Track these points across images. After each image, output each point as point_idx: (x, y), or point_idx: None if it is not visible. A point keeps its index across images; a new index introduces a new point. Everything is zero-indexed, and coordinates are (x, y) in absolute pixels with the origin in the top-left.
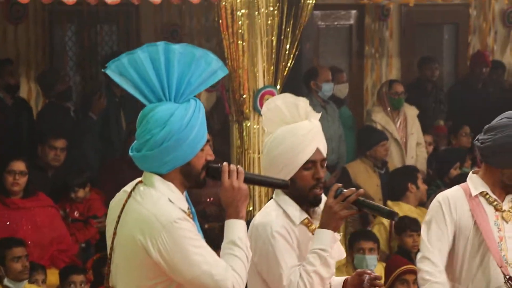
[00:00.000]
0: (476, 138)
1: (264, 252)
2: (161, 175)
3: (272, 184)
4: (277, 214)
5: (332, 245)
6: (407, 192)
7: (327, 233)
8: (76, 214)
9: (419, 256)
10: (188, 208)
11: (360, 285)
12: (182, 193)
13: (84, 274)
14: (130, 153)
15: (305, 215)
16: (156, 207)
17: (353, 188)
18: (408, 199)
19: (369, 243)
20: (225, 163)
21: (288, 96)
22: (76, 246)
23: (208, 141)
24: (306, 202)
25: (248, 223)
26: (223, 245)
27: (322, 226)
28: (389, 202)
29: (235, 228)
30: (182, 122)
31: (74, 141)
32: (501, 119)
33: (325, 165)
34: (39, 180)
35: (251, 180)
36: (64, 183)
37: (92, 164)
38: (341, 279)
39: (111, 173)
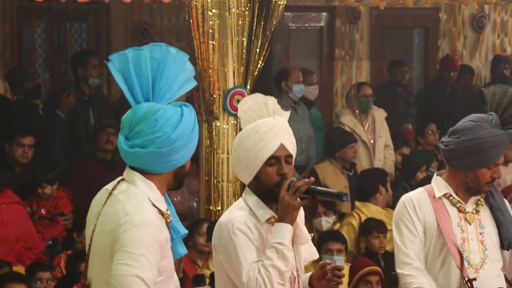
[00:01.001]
0: (440, 141)
1: (227, 249)
2: (146, 174)
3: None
4: (241, 211)
5: (290, 238)
6: (377, 194)
7: (283, 227)
8: (43, 211)
9: (397, 262)
10: (167, 210)
11: (323, 277)
12: (163, 194)
13: (50, 271)
14: (129, 149)
15: (272, 214)
16: (134, 205)
17: (306, 179)
18: (376, 201)
19: (337, 244)
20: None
21: (258, 96)
22: (42, 243)
23: None
24: (272, 199)
25: (216, 222)
26: None
27: (279, 220)
28: (357, 203)
29: None
30: (190, 124)
31: (42, 139)
32: (465, 122)
33: (292, 162)
34: (6, 177)
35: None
36: (32, 180)
37: (60, 162)
38: (308, 275)
39: (79, 171)
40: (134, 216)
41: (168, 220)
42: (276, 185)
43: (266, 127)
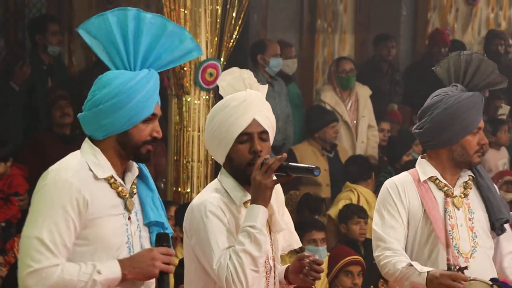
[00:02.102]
0: (413, 129)
1: (198, 234)
2: (95, 140)
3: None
4: (215, 194)
5: (263, 220)
6: (369, 180)
7: (256, 208)
8: None
9: (375, 247)
10: (112, 178)
11: (300, 270)
12: (118, 163)
13: (2, 256)
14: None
15: (249, 197)
16: (57, 166)
17: (278, 156)
18: (367, 185)
19: (320, 234)
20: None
21: (235, 71)
22: None
23: (154, 115)
24: (246, 180)
25: (186, 206)
26: None
27: (252, 201)
28: (350, 184)
29: None
30: (123, 87)
31: None
32: (431, 99)
33: (268, 138)
34: None
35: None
36: None
37: (15, 137)
38: (284, 267)
39: (35, 147)
40: (48, 176)
41: (122, 193)
42: (248, 164)
43: (236, 102)
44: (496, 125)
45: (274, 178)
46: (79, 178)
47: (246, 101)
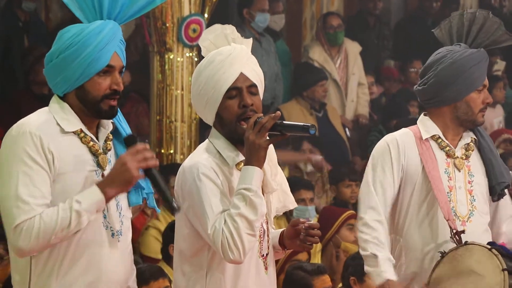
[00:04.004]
0: (415, 87)
1: (191, 197)
2: (62, 96)
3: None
4: (207, 155)
5: (258, 182)
6: None
7: (250, 170)
8: None
9: (362, 205)
10: (82, 132)
11: (296, 236)
12: (85, 119)
13: None
14: None
15: (242, 158)
16: (21, 120)
17: (271, 114)
18: None
19: (309, 193)
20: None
21: (216, 28)
22: None
23: (111, 66)
24: (238, 139)
25: (169, 167)
26: None
27: (245, 163)
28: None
29: None
30: (73, 40)
31: None
32: (435, 55)
33: (258, 92)
34: None
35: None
36: None
37: None
38: (278, 232)
39: (11, 107)
40: (11, 132)
41: (93, 148)
42: (239, 119)
43: (221, 56)
44: (491, 81)
45: (268, 138)
46: (43, 131)
47: (232, 55)
